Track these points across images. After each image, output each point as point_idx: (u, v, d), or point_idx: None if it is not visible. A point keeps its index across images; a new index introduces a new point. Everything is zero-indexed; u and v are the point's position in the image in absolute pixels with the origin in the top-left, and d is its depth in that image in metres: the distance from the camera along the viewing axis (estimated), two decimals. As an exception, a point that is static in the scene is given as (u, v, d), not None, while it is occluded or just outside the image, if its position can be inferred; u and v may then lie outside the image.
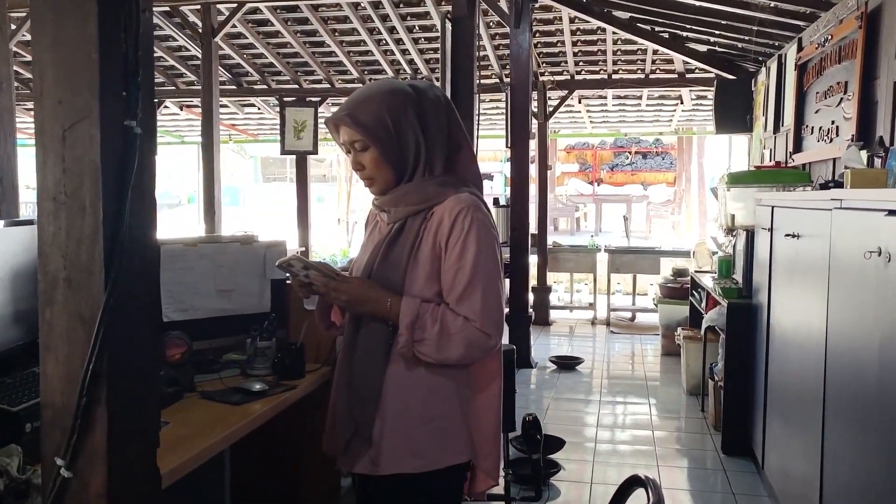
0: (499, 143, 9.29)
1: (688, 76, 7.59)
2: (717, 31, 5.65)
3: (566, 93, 8.13)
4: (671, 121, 9.90)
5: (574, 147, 19.11)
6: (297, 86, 8.53)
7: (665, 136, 15.82)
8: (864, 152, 3.18)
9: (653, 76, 7.78)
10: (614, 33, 6.85)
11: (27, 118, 7.95)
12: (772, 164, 5.19)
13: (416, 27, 7.30)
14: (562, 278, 9.06)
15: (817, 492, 2.44)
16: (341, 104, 1.65)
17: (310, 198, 8.65)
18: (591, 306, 8.19)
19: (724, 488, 3.55)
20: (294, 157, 8.44)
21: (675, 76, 7.67)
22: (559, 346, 6.82)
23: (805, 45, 4.58)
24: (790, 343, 3.00)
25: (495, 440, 1.70)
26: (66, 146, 1.02)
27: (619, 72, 7.85)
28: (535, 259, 7.60)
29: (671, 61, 7.42)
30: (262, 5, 6.71)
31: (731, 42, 5.86)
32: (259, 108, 9.77)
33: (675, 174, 17.51)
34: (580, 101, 8.90)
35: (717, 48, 6.32)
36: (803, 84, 4.58)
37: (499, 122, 9.30)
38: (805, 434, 2.66)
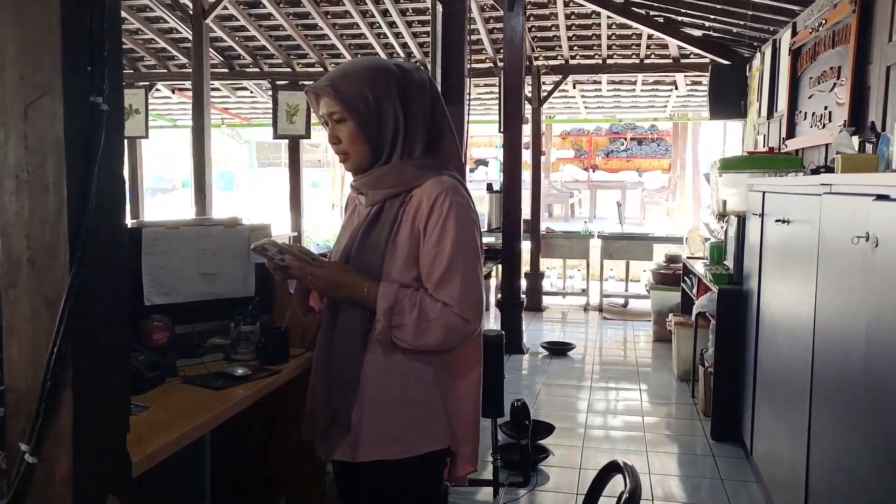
0: (493, 129, 9.25)
1: (682, 61, 7.55)
2: (712, 16, 5.61)
3: (560, 77, 8.08)
4: (666, 106, 9.86)
5: (570, 133, 19.08)
6: (289, 69, 8.47)
7: (660, 122, 15.79)
8: (855, 138, 3.16)
9: (647, 61, 7.74)
10: (609, 17, 6.80)
11: None
12: (765, 149, 5.17)
13: (410, 10, 7.24)
14: (555, 264, 9.05)
15: (804, 476, 2.44)
16: (325, 75, 1.62)
17: (303, 183, 8.60)
18: (584, 292, 8.19)
19: (713, 474, 3.56)
20: (287, 141, 8.38)
21: (670, 61, 7.63)
22: (551, 332, 6.82)
23: (799, 30, 4.54)
24: (779, 329, 2.99)
25: (474, 426, 1.68)
26: (29, 123, 0.99)
27: (614, 56, 7.81)
28: (527, 245, 7.58)
29: (666, 46, 7.37)
30: (254, -13, 6.64)
31: (725, 27, 5.82)
32: (252, 92, 9.70)
33: (670, 160, 17.49)
34: (574, 86, 8.85)
35: (711, 33, 6.27)
36: (797, 69, 4.55)
37: (492, 107, 9.25)
38: (792, 419, 2.66)
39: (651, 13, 6.35)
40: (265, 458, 2.38)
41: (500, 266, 6.14)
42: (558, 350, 5.96)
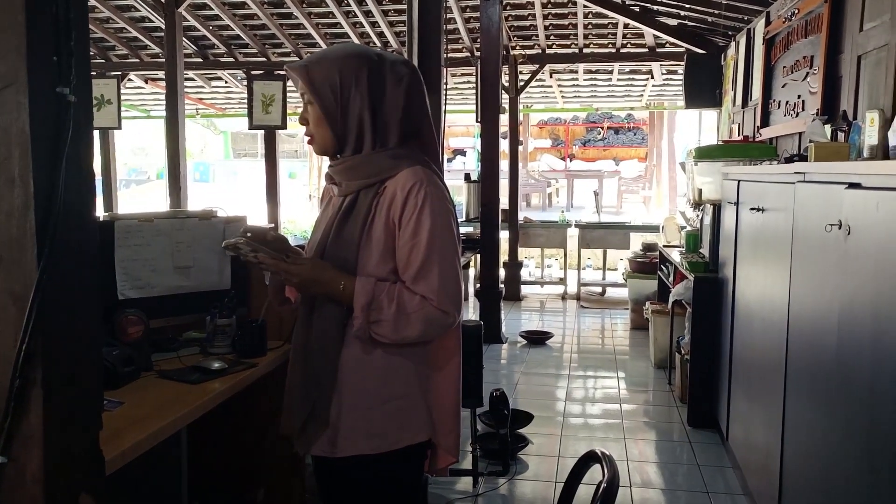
0: (470, 118, 9.23)
1: (658, 50, 7.58)
2: (688, 5, 5.63)
3: (537, 67, 8.07)
4: (642, 96, 9.90)
5: (546, 122, 19.10)
6: (264, 59, 8.37)
7: (636, 111, 15.86)
8: (828, 126, 3.20)
9: (624, 50, 7.76)
10: (585, 6, 6.80)
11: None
12: (740, 138, 5.21)
13: (385, -1, 7.19)
14: (533, 254, 9.08)
15: (778, 460, 2.48)
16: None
17: (279, 173, 8.52)
18: (562, 281, 8.23)
19: (690, 460, 3.60)
20: (263, 131, 8.30)
21: (646, 50, 7.65)
22: (530, 321, 6.85)
23: (773, 20, 4.58)
24: (754, 316, 3.02)
25: (455, 417, 1.68)
26: (-8, 114, 0.97)
27: (590, 46, 7.82)
28: (506, 234, 7.59)
29: (642, 35, 7.39)
30: (227, -25, 6.55)
31: (700, 16, 5.85)
32: (226, 82, 9.59)
33: (647, 149, 17.59)
34: (551, 76, 8.85)
35: (687, 22, 6.30)
36: (771, 58, 4.59)
37: (469, 97, 9.23)
38: (767, 405, 2.69)
39: (627, 2, 6.36)
40: (244, 452, 2.36)
41: (478, 256, 6.14)
42: (537, 339, 5.99)
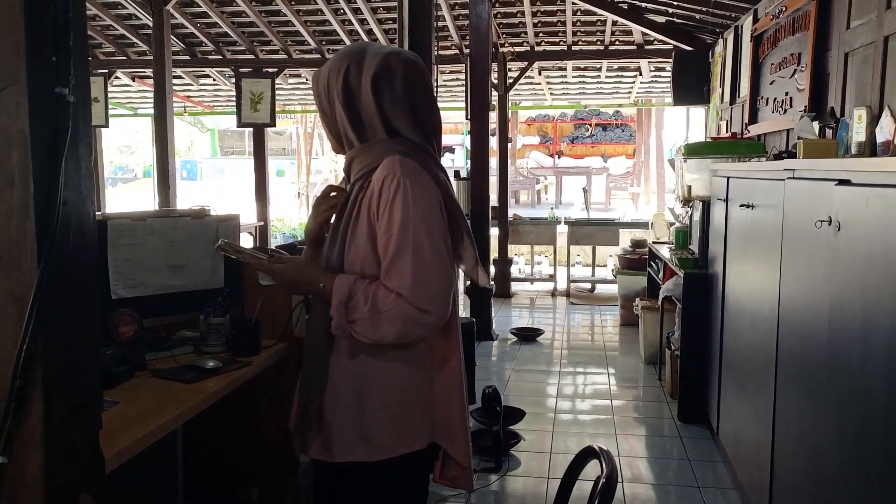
0: (460, 116, 9.23)
1: (646, 48, 7.61)
2: (676, 2, 5.66)
3: (526, 64, 8.09)
4: (630, 93, 9.94)
5: (535, 119, 19.14)
6: (253, 56, 8.34)
7: (624, 108, 15.92)
8: (816, 123, 3.23)
9: (612, 48, 7.79)
10: (574, 4, 6.82)
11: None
12: (728, 135, 5.24)
13: (374, -4, 7.18)
14: (522, 250, 9.10)
15: (769, 455, 2.50)
16: None
17: (268, 172, 8.51)
18: (552, 278, 8.26)
19: (681, 455, 3.62)
20: (251, 129, 8.28)
21: (634, 48, 7.68)
22: (520, 318, 6.87)
23: (760, 17, 4.61)
24: (744, 312, 3.05)
25: (461, 422, 1.60)
26: (-9, 115, 0.97)
27: (579, 43, 7.84)
28: (495, 231, 7.61)
29: (630, 32, 7.42)
30: (215, -28, 6.52)
31: (688, 13, 5.88)
32: (214, 80, 9.54)
33: (635, 146, 17.66)
34: (540, 73, 8.87)
35: (675, 19, 6.33)
36: (759, 55, 4.62)
37: (459, 94, 9.23)
38: (758, 400, 2.72)
39: (615, 0, 6.38)
40: (238, 451, 2.36)
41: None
42: (527, 336, 6.01)
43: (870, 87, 2.90)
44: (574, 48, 7.86)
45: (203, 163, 24.82)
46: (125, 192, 19.59)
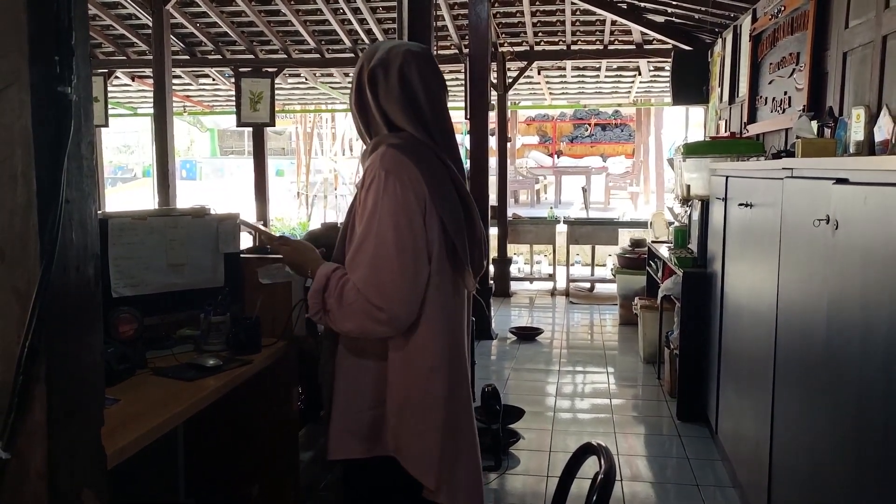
0: (459, 115, 9.24)
1: (646, 47, 7.62)
2: (675, 2, 5.66)
3: (525, 64, 8.10)
4: (629, 92, 9.94)
5: (534, 119, 19.15)
6: (252, 56, 8.34)
7: (623, 107, 15.92)
8: (814, 122, 3.23)
9: (611, 47, 7.79)
10: (573, 4, 6.82)
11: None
12: (727, 134, 5.25)
13: (374, -4, 7.18)
14: (522, 250, 9.11)
15: (767, 453, 2.51)
16: None
17: (267, 171, 8.51)
18: (551, 277, 8.26)
19: (679, 453, 3.63)
20: (251, 129, 8.28)
21: (633, 47, 7.69)
22: (519, 318, 6.88)
23: (759, 16, 4.61)
24: (743, 311, 3.06)
25: (427, 439, 1.52)
26: (-5, 113, 0.97)
27: (578, 43, 7.85)
28: (495, 231, 7.62)
29: (629, 32, 7.43)
30: (214, -28, 6.52)
31: (687, 13, 5.89)
32: (214, 79, 9.54)
33: (634, 146, 17.67)
34: (539, 73, 8.87)
35: (674, 19, 6.34)
36: (757, 55, 4.63)
37: (458, 94, 9.22)
38: (756, 399, 2.73)
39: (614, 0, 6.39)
40: (238, 448, 2.37)
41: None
42: (526, 335, 6.02)
43: (868, 87, 2.91)
44: (573, 48, 7.87)
45: (202, 162, 24.82)
46: (125, 192, 19.58)
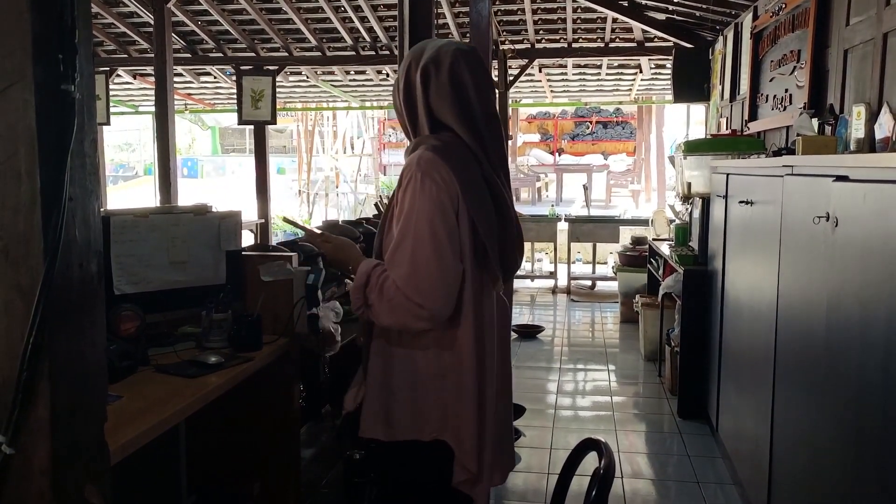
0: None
1: (647, 45, 7.61)
2: (676, 0, 5.66)
3: (526, 62, 8.10)
4: (631, 90, 9.94)
5: (535, 117, 19.15)
6: (253, 54, 8.35)
7: (625, 105, 15.91)
8: (815, 120, 3.24)
9: (612, 45, 7.79)
10: (574, 1, 6.82)
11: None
12: (728, 132, 5.25)
13: (375, -6, 7.18)
14: (523, 248, 9.10)
15: (767, 450, 2.52)
16: None
17: (269, 169, 8.52)
18: (552, 275, 8.26)
19: (680, 450, 3.64)
20: (252, 127, 8.29)
21: (635, 45, 7.68)
22: (520, 315, 6.88)
23: (760, 14, 4.61)
24: (743, 308, 3.06)
25: (474, 424, 1.57)
26: (-1, 111, 0.98)
27: (579, 41, 7.85)
28: (496, 229, 7.60)
29: (630, 30, 7.43)
30: (216, -30, 6.52)
31: (688, 10, 5.88)
32: (215, 77, 9.55)
33: (635, 143, 17.66)
34: (540, 71, 8.87)
35: (675, 16, 6.34)
36: (758, 52, 4.63)
37: (459, 92, 9.23)
38: (757, 396, 2.73)
39: (616, -3, 6.39)
40: (240, 445, 2.38)
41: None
42: (528, 333, 6.02)
43: (869, 84, 2.91)
44: (574, 46, 7.87)
45: (204, 160, 24.84)
46: (126, 190, 19.60)
